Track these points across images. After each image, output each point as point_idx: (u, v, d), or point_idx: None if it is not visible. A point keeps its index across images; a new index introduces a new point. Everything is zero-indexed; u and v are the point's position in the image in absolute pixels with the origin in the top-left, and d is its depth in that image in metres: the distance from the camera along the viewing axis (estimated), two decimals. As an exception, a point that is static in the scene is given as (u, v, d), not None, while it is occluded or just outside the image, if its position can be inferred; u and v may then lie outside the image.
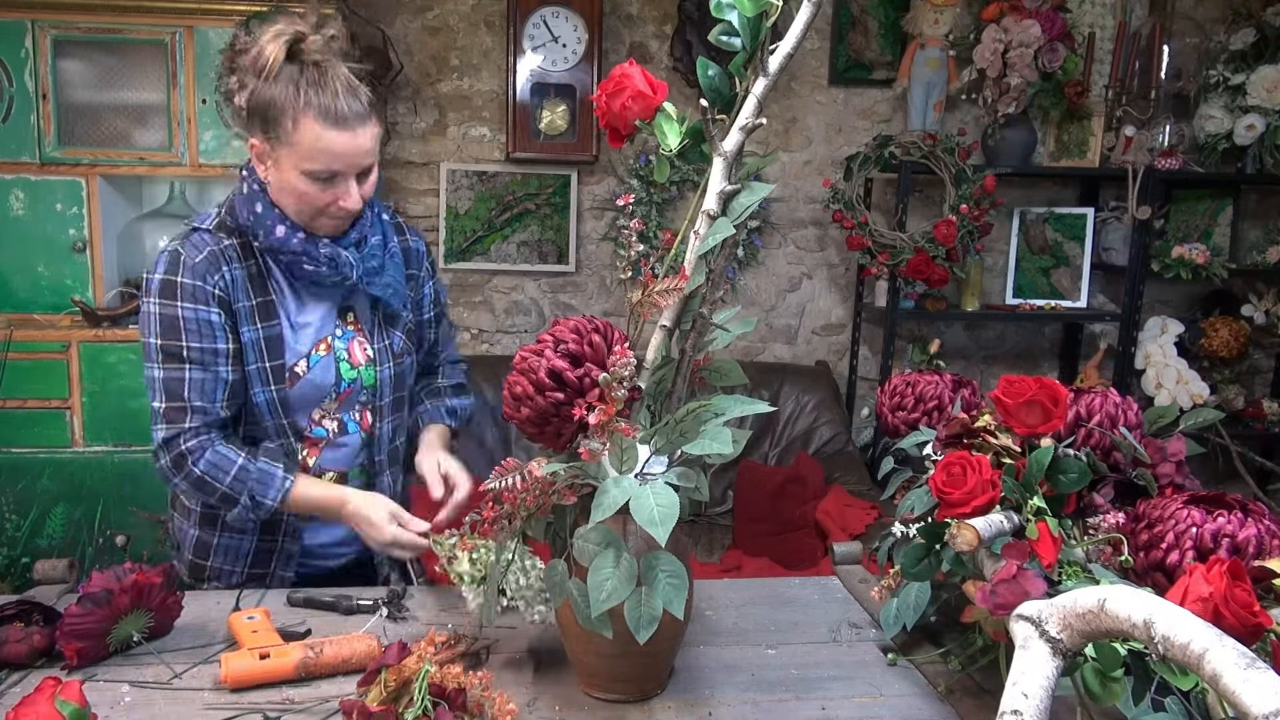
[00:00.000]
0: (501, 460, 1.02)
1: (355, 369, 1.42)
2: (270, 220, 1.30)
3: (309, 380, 1.37)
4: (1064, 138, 3.41)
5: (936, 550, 1.07)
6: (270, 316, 1.34)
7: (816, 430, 3.30)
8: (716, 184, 1.00)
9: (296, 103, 1.22)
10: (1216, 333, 3.45)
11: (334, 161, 1.25)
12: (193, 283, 1.29)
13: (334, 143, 1.23)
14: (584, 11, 3.20)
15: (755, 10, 0.95)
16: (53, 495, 2.77)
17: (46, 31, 2.67)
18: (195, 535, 1.44)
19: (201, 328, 1.30)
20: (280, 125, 1.23)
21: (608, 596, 0.92)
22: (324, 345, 1.39)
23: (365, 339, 1.43)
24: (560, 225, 3.42)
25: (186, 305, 1.29)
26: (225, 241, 1.32)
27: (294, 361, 1.36)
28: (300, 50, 1.23)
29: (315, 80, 1.22)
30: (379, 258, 1.38)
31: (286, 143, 1.24)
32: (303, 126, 1.22)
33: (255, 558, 1.43)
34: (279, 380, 1.35)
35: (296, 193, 1.28)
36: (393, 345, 1.45)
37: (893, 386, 1.33)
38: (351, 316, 1.43)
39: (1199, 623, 0.67)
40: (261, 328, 1.33)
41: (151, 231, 2.92)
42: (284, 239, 1.30)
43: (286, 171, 1.27)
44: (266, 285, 1.35)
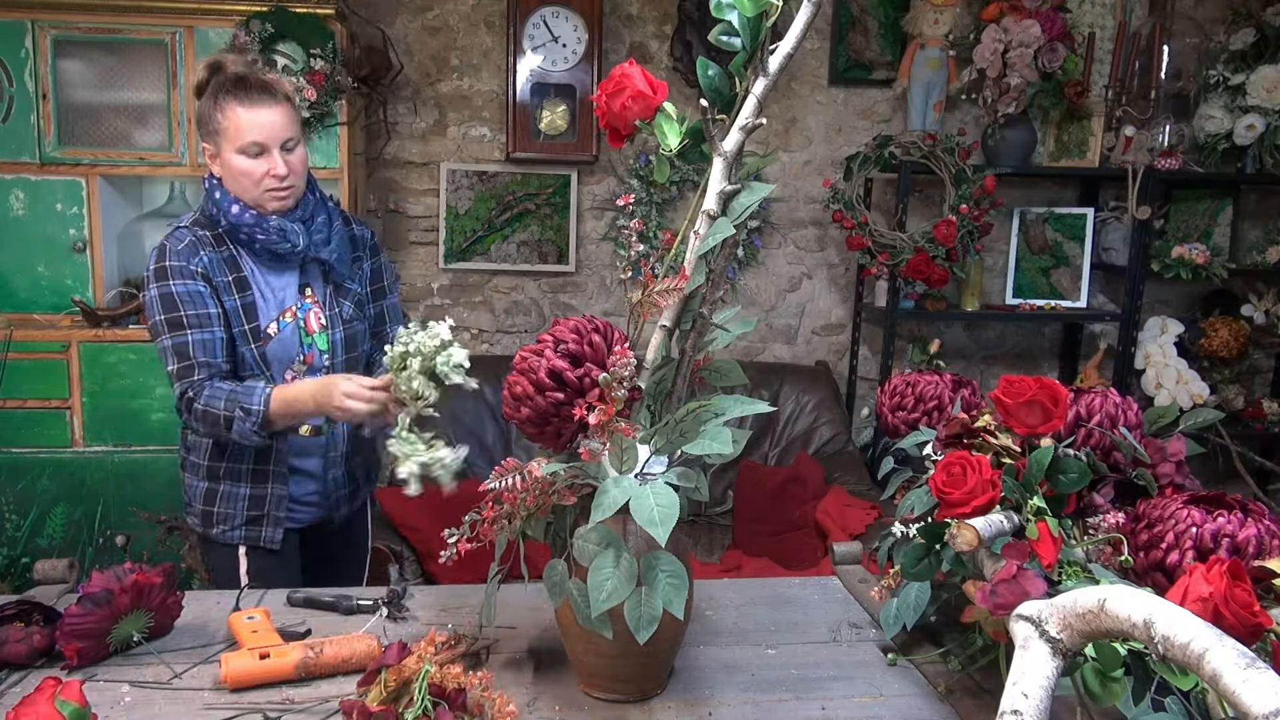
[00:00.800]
0: (501, 460, 1.02)
1: (310, 335, 1.67)
2: (226, 203, 1.58)
3: (279, 340, 1.63)
4: (1064, 138, 3.41)
5: (936, 550, 1.07)
6: (244, 289, 1.61)
7: (816, 430, 3.30)
8: (716, 184, 1.00)
9: (221, 99, 1.53)
10: (1216, 333, 3.45)
11: (256, 133, 1.53)
12: (179, 264, 1.57)
13: (252, 119, 1.53)
14: (584, 11, 3.20)
15: (755, 10, 0.95)
16: (53, 495, 2.77)
17: (46, 31, 2.67)
18: (203, 487, 1.67)
19: (194, 298, 1.56)
20: (213, 121, 1.55)
21: (608, 596, 0.92)
22: (289, 313, 1.65)
23: (320, 309, 1.68)
24: (560, 225, 3.42)
25: (177, 282, 1.56)
26: (200, 231, 1.60)
27: (266, 324, 1.62)
28: (221, 67, 1.56)
29: (233, 80, 1.54)
30: (324, 231, 1.65)
31: (220, 133, 1.54)
32: (227, 113, 1.53)
33: (251, 502, 1.66)
34: (256, 339, 1.61)
35: (238, 172, 1.55)
36: (342, 312, 1.70)
37: (893, 386, 1.33)
38: (310, 291, 1.68)
39: (1199, 623, 0.67)
40: (239, 297, 1.60)
41: (151, 231, 2.93)
42: (238, 215, 1.57)
43: (227, 157, 1.55)
44: (239, 264, 1.61)
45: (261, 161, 1.55)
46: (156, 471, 2.78)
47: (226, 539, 1.67)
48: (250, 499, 1.66)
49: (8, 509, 2.77)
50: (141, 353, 2.74)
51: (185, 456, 1.72)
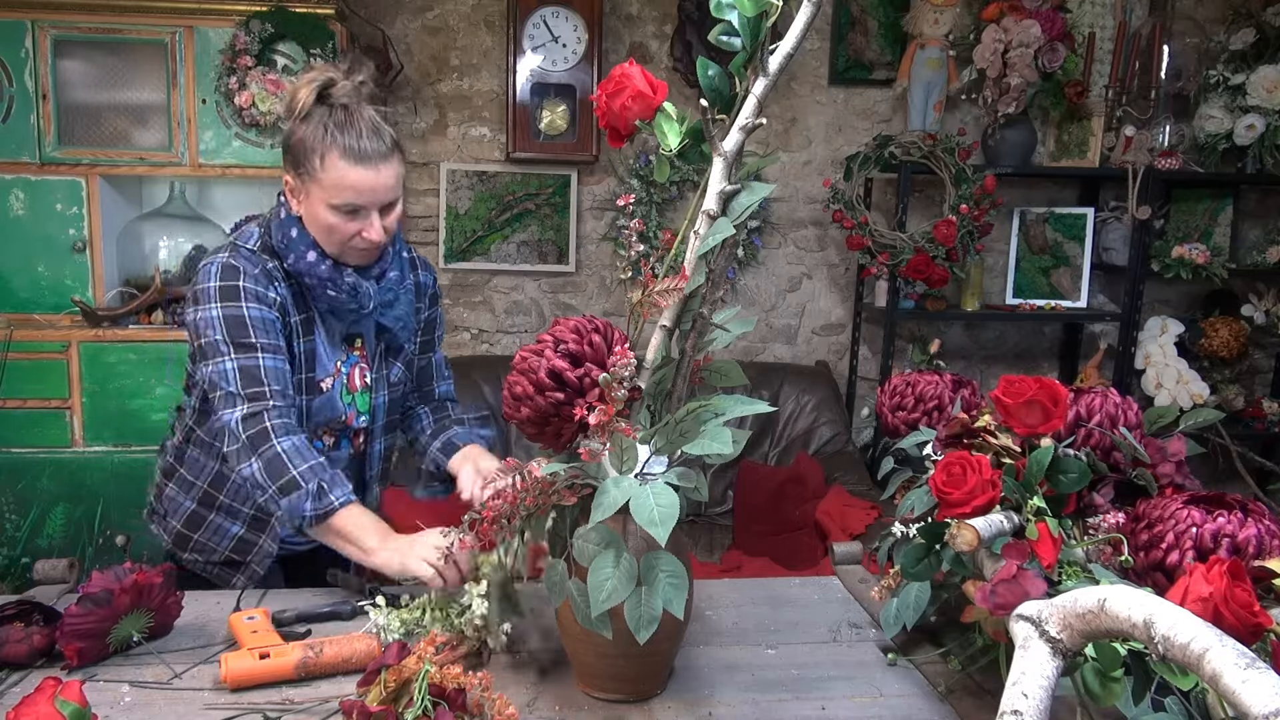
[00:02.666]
0: (502, 460, 1.02)
1: (351, 394, 1.50)
2: (303, 246, 1.38)
3: (328, 397, 1.45)
4: (1064, 138, 3.42)
5: (936, 550, 1.07)
6: (310, 332, 1.44)
7: (816, 430, 3.30)
8: (716, 184, 1.00)
9: (324, 142, 1.30)
10: (1216, 333, 3.45)
11: (357, 197, 1.32)
12: (255, 288, 1.36)
13: (358, 179, 1.31)
14: (584, 11, 3.20)
15: (755, 10, 0.95)
16: (53, 495, 2.77)
17: (46, 31, 2.67)
18: (188, 508, 1.52)
19: (268, 326, 1.36)
20: (309, 163, 1.32)
21: (608, 596, 0.92)
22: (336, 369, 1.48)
23: (366, 366, 1.51)
24: (560, 225, 3.42)
25: (252, 306, 1.35)
26: (270, 263, 1.40)
27: (322, 376, 1.45)
28: (329, 94, 1.33)
29: (342, 122, 1.31)
30: (394, 291, 1.47)
31: (314, 179, 1.33)
32: (329, 164, 1.31)
33: (237, 544, 1.51)
34: (310, 391, 1.43)
35: (324, 225, 1.35)
36: (390, 375, 1.54)
37: (893, 386, 1.33)
38: (359, 343, 1.51)
39: (1199, 623, 0.67)
40: (304, 341, 1.43)
41: (151, 231, 2.93)
42: (313, 264, 1.38)
43: (315, 205, 1.34)
44: (307, 304, 1.44)
45: (355, 223, 1.35)
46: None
47: (197, 569, 1.53)
48: (239, 541, 1.50)
49: (8, 509, 2.77)
50: (141, 353, 2.74)
51: (174, 466, 1.55)
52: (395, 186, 1.37)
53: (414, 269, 1.56)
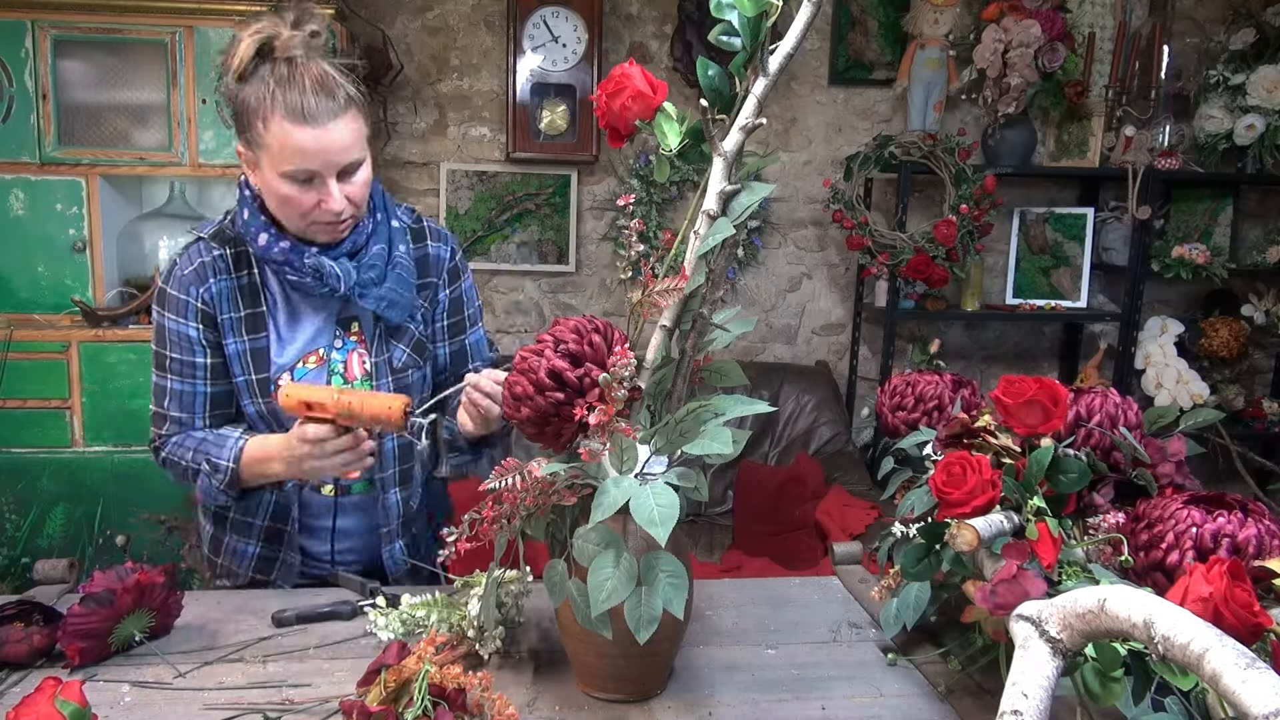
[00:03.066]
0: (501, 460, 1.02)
1: (349, 383, 1.37)
2: (255, 228, 1.28)
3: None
4: (1064, 138, 3.42)
5: (936, 550, 1.07)
6: (257, 329, 1.33)
7: (816, 430, 3.30)
8: (716, 184, 1.00)
9: (265, 102, 1.19)
10: (1216, 333, 3.45)
11: (306, 160, 1.20)
12: (176, 294, 1.32)
13: (303, 140, 1.19)
14: (584, 11, 3.20)
15: (755, 10, 0.95)
16: (53, 495, 2.78)
17: (46, 31, 2.67)
18: (210, 531, 1.46)
19: (180, 340, 1.32)
20: (253, 127, 1.21)
21: (608, 596, 0.91)
22: (315, 357, 1.36)
23: (365, 352, 1.38)
24: (560, 225, 3.42)
25: (170, 316, 1.33)
26: (215, 252, 1.32)
27: (277, 375, 1.34)
28: (273, 48, 1.20)
29: (285, 78, 1.19)
30: (379, 268, 1.33)
31: (261, 145, 1.22)
32: (272, 126, 1.19)
33: (258, 564, 1.42)
34: (265, 393, 1.34)
35: (279, 196, 1.24)
36: (392, 358, 1.39)
37: (893, 386, 1.33)
38: (356, 327, 1.39)
39: (1199, 623, 0.67)
40: (248, 340, 1.33)
41: (151, 231, 2.93)
42: (265, 247, 1.28)
43: (267, 175, 1.24)
44: (259, 296, 1.33)
45: (312, 191, 1.23)
46: (156, 471, 2.75)
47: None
48: (258, 559, 1.41)
49: (8, 509, 2.77)
50: (141, 353, 2.74)
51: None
52: (352, 146, 1.23)
53: (422, 240, 1.42)
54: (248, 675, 1.08)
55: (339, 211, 1.25)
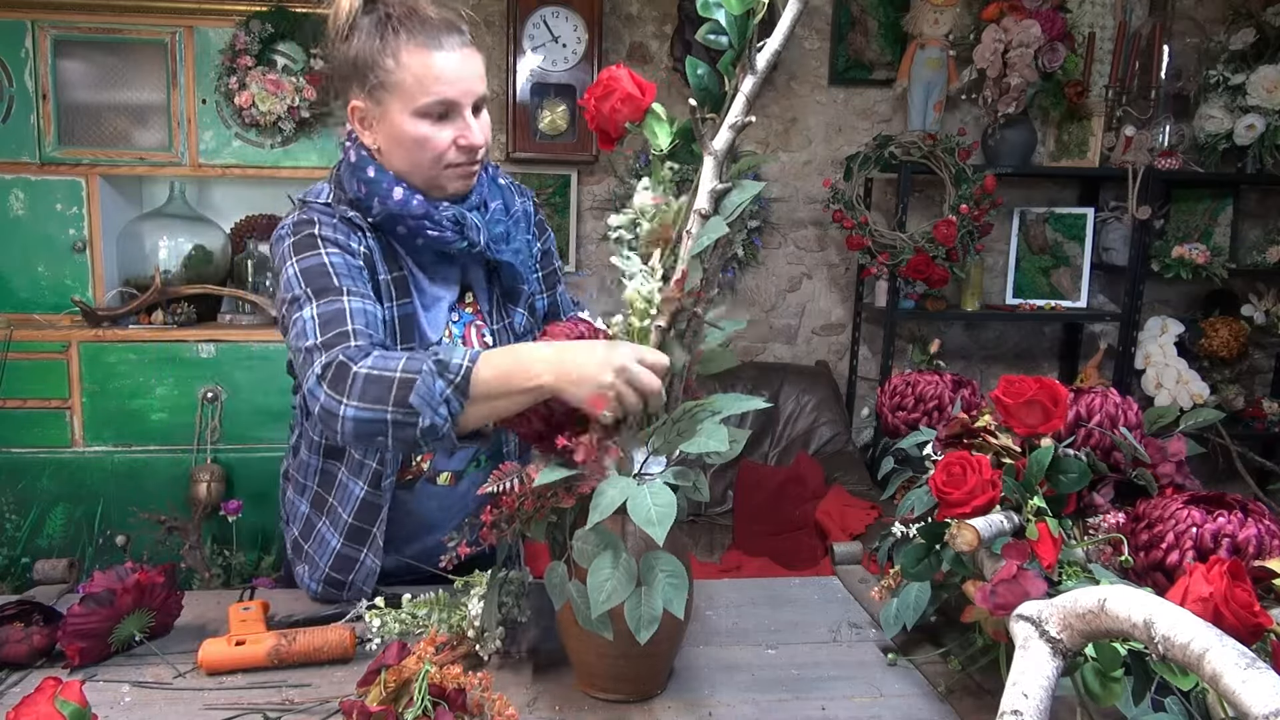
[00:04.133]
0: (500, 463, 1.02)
1: None
2: (386, 184, 1.17)
3: None
4: (1064, 138, 3.42)
5: (936, 550, 1.07)
6: (404, 294, 1.21)
7: (816, 430, 3.30)
8: (708, 183, 1.00)
9: (391, 41, 1.11)
10: (1216, 333, 3.45)
11: (447, 88, 1.12)
12: (334, 235, 1.16)
13: (444, 66, 1.12)
14: (584, 11, 3.20)
15: (742, 9, 0.95)
16: (53, 495, 2.78)
17: (46, 31, 2.67)
18: (305, 513, 1.33)
19: (352, 271, 1.15)
20: (378, 70, 1.12)
21: (608, 597, 0.91)
22: (447, 332, 1.26)
23: (484, 322, 1.29)
24: (560, 225, 3.42)
25: (333, 252, 1.14)
26: (349, 213, 1.19)
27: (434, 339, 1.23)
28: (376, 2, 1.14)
29: (406, 14, 1.12)
30: (504, 223, 1.25)
31: (390, 86, 1.13)
32: (405, 58, 1.11)
33: (337, 560, 1.29)
34: None
35: (413, 140, 1.14)
36: (513, 324, 1.30)
37: (893, 386, 1.33)
38: (470, 298, 1.29)
39: (1199, 623, 0.67)
40: (397, 305, 1.20)
41: (151, 231, 2.93)
42: (403, 201, 1.16)
43: (397, 120, 1.14)
44: (398, 261, 1.22)
45: (449, 127, 1.14)
46: (156, 471, 2.78)
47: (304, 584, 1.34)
48: (337, 556, 1.29)
49: (8, 509, 2.77)
50: (141, 353, 2.75)
51: (290, 469, 1.38)
52: (483, 77, 1.16)
53: (513, 192, 1.34)
54: (248, 675, 1.08)
55: (479, 146, 1.18)
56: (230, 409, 2.78)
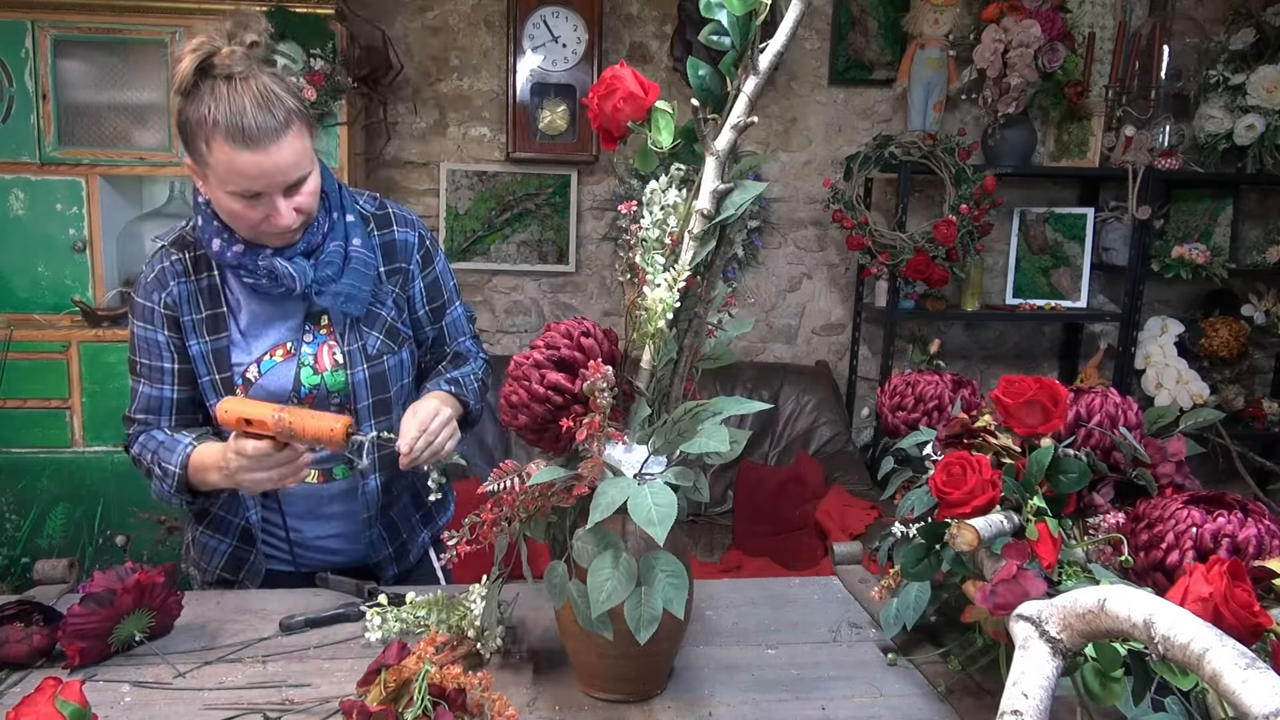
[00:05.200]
0: (501, 462, 1.02)
1: (319, 374, 1.37)
2: (209, 234, 1.30)
3: (260, 387, 1.35)
4: (1064, 138, 3.42)
5: (936, 550, 1.07)
6: (219, 329, 1.35)
7: (816, 430, 3.30)
8: (709, 183, 1.00)
9: (206, 124, 1.18)
10: (1216, 333, 3.45)
11: (250, 183, 1.20)
12: (142, 302, 1.35)
13: (247, 163, 1.18)
14: (584, 11, 3.20)
15: (744, 9, 0.95)
16: (53, 495, 2.78)
17: (46, 31, 2.67)
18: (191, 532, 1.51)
19: (150, 346, 1.35)
20: (197, 147, 1.21)
21: (608, 597, 0.91)
22: (282, 350, 1.36)
23: (336, 342, 1.38)
24: (560, 225, 3.42)
25: (138, 323, 1.36)
26: (174, 257, 1.35)
27: (244, 369, 1.35)
28: (212, 65, 1.18)
29: (225, 96, 1.17)
30: (335, 265, 1.33)
31: (206, 164, 1.21)
32: (215, 148, 1.18)
33: (228, 561, 1.45)
34: (229, 391, 1.34)
35: (228, 212, 1.25)
36: (366, 346, 1.39)
37: (893, 386, 1.33)
38: (326, 320, 1.39)
39: (1199, 623, 0.67)
40: (210, 340, 1.35)
41: (151, 231, 2.92)
42: (219, 252, 1.29)
43: (214, 191, 1.24)
44: (219, 298, 1.35)
45: (260, 207, 1.23)
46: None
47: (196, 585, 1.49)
48: (229, 558, 1.45)
49: (8, 509, 2.77)
50: (141, 353, 2.74)
51: None
52: (298, 163, 1.22)
53: (387, 225, 1.41)
54: (248, 675, 1.08)
55: (289, 226, 1.25)
56: (230, 409, 2.78)
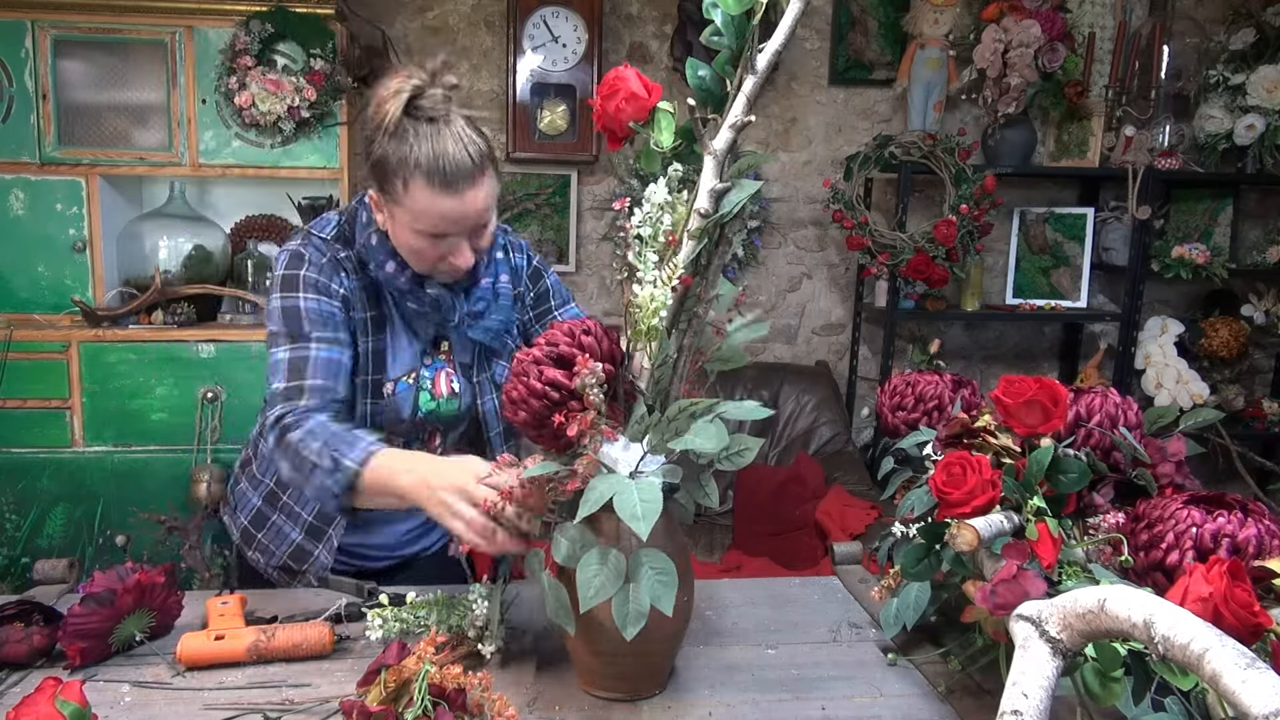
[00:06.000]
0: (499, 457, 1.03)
1: (436, 399, 1.39)
2: (382, 255, 1.29)
3: (392, 402, 1.35)
4: (1064, 138, 3.42)
5: (936, 550, 1.07)
6: (380, 330, 1.34)
7: (816, 430, 3.30)
8: (708, 182, 1.00)
9: (408, 165, 1.18)
10: (1216, 333, 3.45)
11: (443, 225, 1.22)
12: (316, 278, 1.29)
13: (443, 207, 1.20)
14: (584, 11, 3.20)
15: (740, 9, 0.96)
16: (53, 495, 2.78)
17: (46, 31, 2.67)
18: (256, 505, 1.46)
19: (325, 318, 1.29)
20: (392, 185, 1.21)
21: (595, 593, 0.91)
22: (412, 375, 1.37)
23: (454, 370, 1.41)
24: (560, 225, 3.42)
25: (309, 297, 1.28)
26: (343, 253, 1.32)
27: (391, 378, 1.35)
28: (418, 106, 1.19)
29: (428, 137, 1.18)
30: (486, 300, 1.36)
31: (398, 202, 1.21)
32: (414, 190, 1.19)
33: (294, 551, 1.42)
34: (377, 395, 1.34)
35: (409, 248, 1.26)
36: (495, 376, 1.43)
37: (893, 386, 1.33)
38: (445, 346, 1.41)
39: (1199, 623, 0.67)
40: (372, 339, 1.33)
41: (151, 231, 2.93)
42: (392, 276, 1.29)
43: (400, 228, 1.25)
44: (379, 300, 1.34)
45: (442, 247, 1.24)
46: (156, 471, 2.78)
47: (259, 568, 1.47)
48: (296, 549, 1.42)
49: (8, 509, 2.77)
50: (141, 353, 2.75)
51: (249, 460, 1.49)
52: (486, 208, 1.24)
53: (509, 254, 1.45)
54: (248, 675, 1.08)
55: (467, 267, 1.28)
56: (230, 409, 2.78)
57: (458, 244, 1.25)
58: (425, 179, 1.18)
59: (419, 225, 1.22)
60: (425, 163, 1.17)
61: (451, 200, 1.19)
